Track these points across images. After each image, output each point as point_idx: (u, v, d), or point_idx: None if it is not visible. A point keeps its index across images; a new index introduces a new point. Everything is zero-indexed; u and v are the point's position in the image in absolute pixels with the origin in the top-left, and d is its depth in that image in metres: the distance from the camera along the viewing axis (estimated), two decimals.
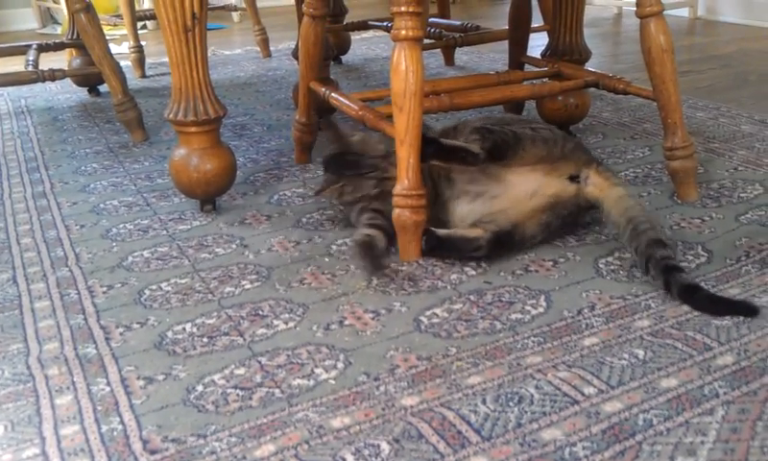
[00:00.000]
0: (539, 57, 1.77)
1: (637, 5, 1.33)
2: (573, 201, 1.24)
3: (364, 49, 3.13)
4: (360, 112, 1.38)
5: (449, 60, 2.73)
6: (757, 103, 2.06)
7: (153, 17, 3.55)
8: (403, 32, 1.18)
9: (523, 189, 1.24)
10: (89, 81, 2.44)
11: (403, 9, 1.17)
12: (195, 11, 1.31)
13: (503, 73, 1.61)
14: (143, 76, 2.78)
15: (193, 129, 1.37)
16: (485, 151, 1.23)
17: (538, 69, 1.72)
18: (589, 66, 1.76)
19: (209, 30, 3.87)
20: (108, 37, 3.13)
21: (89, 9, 1.93)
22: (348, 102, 1.44)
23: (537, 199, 1.23)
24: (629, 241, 1.15)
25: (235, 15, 4.14)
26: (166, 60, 3.04)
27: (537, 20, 2.45)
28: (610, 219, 1.21)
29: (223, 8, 3.27)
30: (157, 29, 4.02)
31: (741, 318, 1.00)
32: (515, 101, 1.61)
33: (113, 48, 3.23)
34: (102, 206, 1.52)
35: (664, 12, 1.35)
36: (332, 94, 1.51)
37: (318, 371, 0.94)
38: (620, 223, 1.18)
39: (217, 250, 1.29)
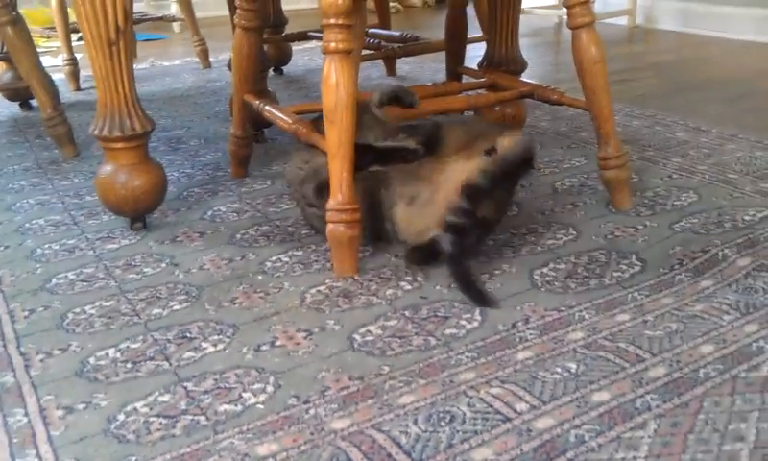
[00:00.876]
0: (476, 67, 1.76)
1: (569, 16, 1.33)
2: None
3: (306, 60, 3.10)
4: (293, 126, 1.35)
5: (391, 71, 2.72)
6: (692, 110, 2.10)
7: None
8: (333, 44, 1.16)
9: (451, 185, 1.21)
10: (20, 95, 2.37)
11: (332, 21, 1.15)
12: (119, 24, 1.27)
13: (440, 84, 1.61)
14: (78, 89, 2.71)
15: (120, 145, 1.33)
16: (422, 145, 1.23)
17: (475, 80, 1.71)
18: (531, 75, 1.76)
19: (149, 41, 3.81)
20: (43, 50, 3.05)
21: (17, 22, 1.86)
22: (281, 115, 1.41)
23: None
24: None
25: (176, 26, 4.08)
26: None
27: (477, 31, 2.46)
28: None
29: (161, 19, 3.21)
30: None
31: (674, 328, 1.00)
32: (451, 112, 1.59)
33: (49, 60, 3.15)
34: (28, 225, 1.46)
35: (604, 22, 1.36)
36: (266, 107, 1.48)
37: (246, 395, 0.91)
38: None
39: (145, 269, 1.25)
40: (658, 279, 1.14)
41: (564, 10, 1.34)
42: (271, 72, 2.81)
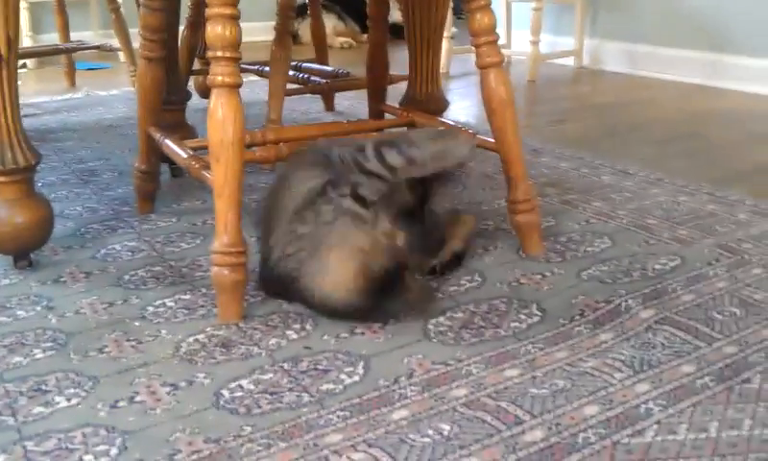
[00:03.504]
0: (397, 105, 1.71)
1: (477, 55, 1.29)
2: None
3: (245, 92, 3.04)
4: (186, 161, 1.29)
5: (329, 106, 2.67)
6: (623, 153, 2.07)
7: (33, 55, 3.38)
8: (219, 78, 1.10)
9: None
10: None
11: (219, 53, 1.10)
12: (1, 53, 1.20)
13: (354, 122, 1.56)
14: None
15: (0, 179, 1.25)
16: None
17: (394, 118, 1.67)
18: (469, 114, 1.72)
19: (91, 70, 3.73)
20: None
21: None
22: (177, 150, 1.35)
23: None
24: None
25: (122, 55, 3.99)
26: (42, 100, 2.89)
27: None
28: None
29: (98, 48, 3.13)
30: (39, 67, 3.85)
31: (561, 386, 0.94)
32: None
33: None
34: None
35: (551, 62, 1.32)
36: (165, 141, 1.41)
37: (87, 458, 0.83)
38: None
39: (18, 312, 1.17)
40: (555, 331, 1.09)
41: (513, 50, 1.29)
42: (206, 103, 2.75)
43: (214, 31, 1.10)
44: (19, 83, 2.59)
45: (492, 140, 1.36)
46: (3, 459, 0.83)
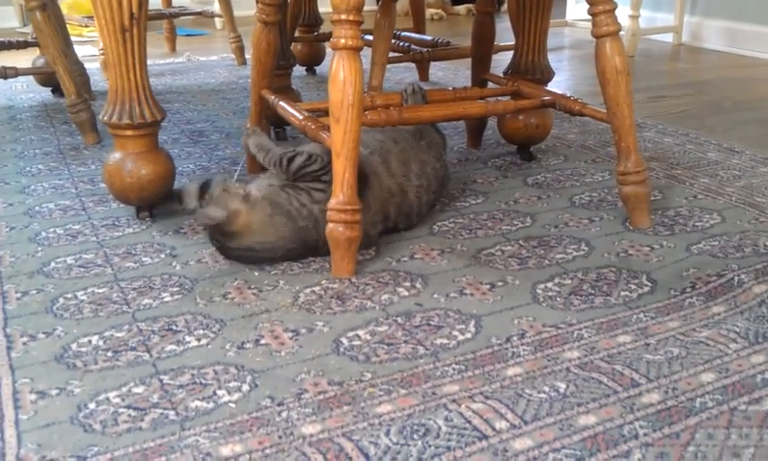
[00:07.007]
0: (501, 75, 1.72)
1: (594, 24, 1.29)
2: None
3: None
4: (302, 122, 1.33)
5: (423, 75, 2.68)
6: (728, 130, 2.02)
7: None
8: (342, 41, 1.13)
9: None
10: (52, 80, 2.38)
11: (343, 17, 1.13)
12: (133, 11, 1.27)
13: (459, 90, 1.57)
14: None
15: (128, 132, 1.32)
16: None
17: (499, 87, 1.67)
18: (566, 87, 1.72)
19: (190, 36, 3.84)
20: (85, 39, 3.09)
21: (46, 7, 1.88)
22: (293, 111, 1.39)
23: None
24: None
25: (218, 22, 4.10)
26: None
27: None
28: None
29: (200, 14, 3.22)
30: None
31: (675, 353, 0.95)
32: (466, 117, 1.56)
33: (89, 50, 3.19)
34: (37, 208, 1.46)
35: (649, 37, 1.30)
36: (280, 102, 1.46)
37: (220, 393, 0.88)
38: None
39: (144, 259, 1.24)
40: (667, 302, 1.09)
41: None
42: (303, 71, 2.81)
43: None
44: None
45: (603, 111, 1.37)
46: (141, 390, 0.89)
